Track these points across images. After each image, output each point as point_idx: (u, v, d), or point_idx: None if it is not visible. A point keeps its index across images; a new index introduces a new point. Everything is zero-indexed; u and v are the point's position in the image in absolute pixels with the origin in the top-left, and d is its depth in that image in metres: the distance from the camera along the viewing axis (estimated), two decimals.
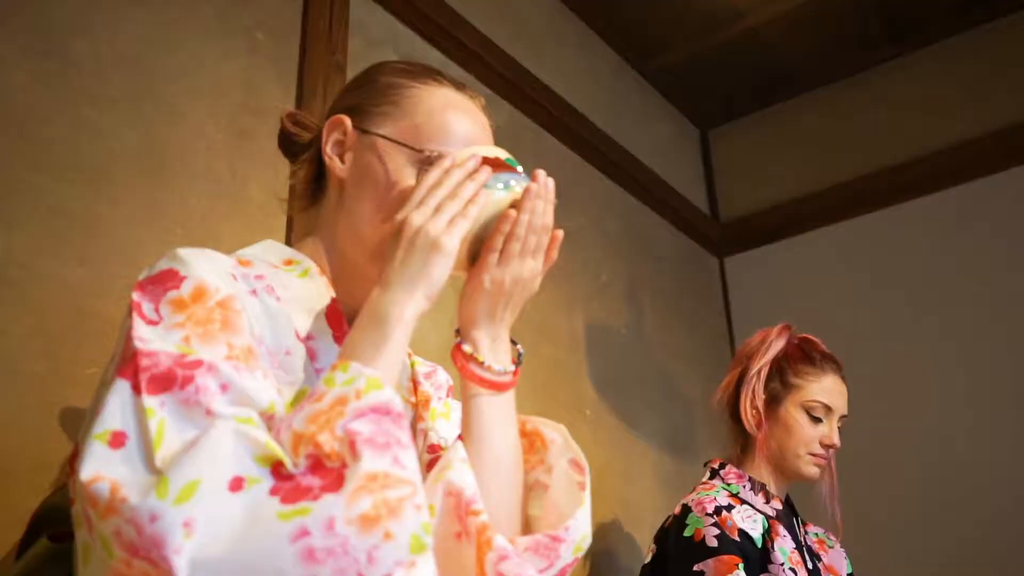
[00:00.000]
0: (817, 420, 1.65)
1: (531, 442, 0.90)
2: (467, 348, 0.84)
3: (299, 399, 0.78)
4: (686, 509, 1.60)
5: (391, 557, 0.59)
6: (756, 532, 1.55)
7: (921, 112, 2.73)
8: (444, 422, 0.97)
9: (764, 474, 1.68)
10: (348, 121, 0.91)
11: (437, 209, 0.78)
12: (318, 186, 0.95)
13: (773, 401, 1.68)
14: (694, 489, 1.69)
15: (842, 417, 1.68)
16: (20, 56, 1.22)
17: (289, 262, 0.89)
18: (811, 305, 2.69)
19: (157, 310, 0.71)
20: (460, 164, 0.81)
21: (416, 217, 0.78)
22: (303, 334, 0.83)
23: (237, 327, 0.73)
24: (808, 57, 2.84)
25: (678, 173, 2.95)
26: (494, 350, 0.84)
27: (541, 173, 0.83)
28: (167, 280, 0.74)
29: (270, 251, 0.91)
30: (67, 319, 1.16)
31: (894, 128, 2.77)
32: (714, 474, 1.71)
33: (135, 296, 0.72)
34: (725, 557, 1.48)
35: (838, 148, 2.87)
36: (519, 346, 0.89)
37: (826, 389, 1.66)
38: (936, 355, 2.48)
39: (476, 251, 0.83)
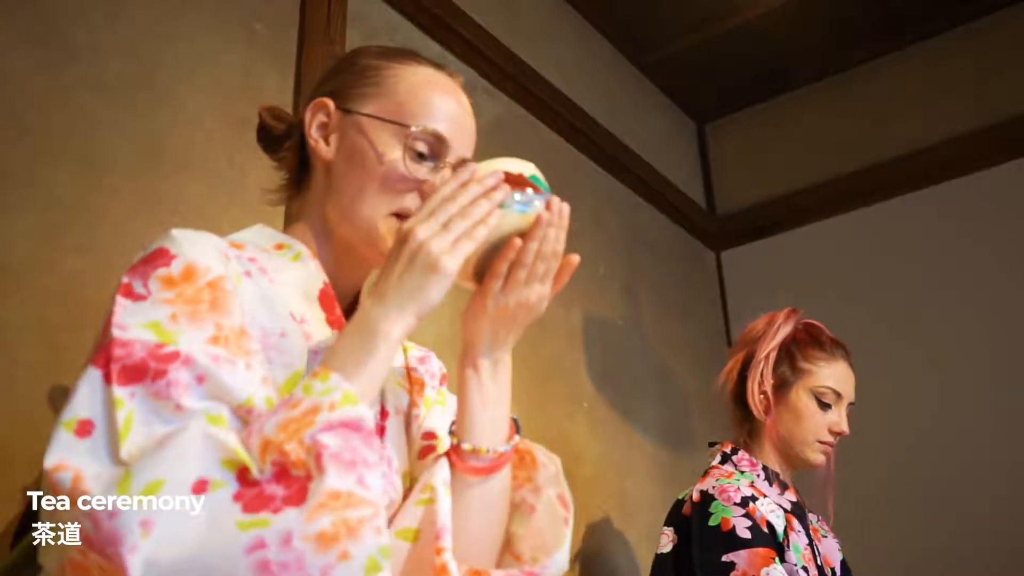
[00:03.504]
0: (826, 406, 1.62)
1: (521, 458, 0.90)
2: (466, 447, 0.82)
3: (295, 381, 0.78)
4: (708, 497, 1.54)
5: None
6: (779, 526, 1.51)
7: (918, 106, 2.73)
8: (440, 409, 0.97)
9: (772, 461, 1.64)
10: (331, 103, 0.91)
11: (445, 225, 0.74)
12: (303, 173, 0.95)
13: (782, 386, 1.64)
14: (707, 473, 1.64)
15: (850, 404, 1.66)
16: (19, 44, 1.22)
17: (280, 246, 0.89)
18: (807, 299, 2.65)
19: (146, 285, 0.72)
20: (479, 180, 0.77)
21: (421, 231, 0.74)
22: (297, 317, 0.83)
23: (227, 308, 0.73)
24: (805, 51, 2.84)
25: (675, 166, 2.95)
26: (495, 376, 0.84)
27: (555, 200, 0.80)
28: (158, 258, 0.74)
29: (261, 235, 0.91)
30: (65, 308, 1.16)
31: (891, 122, 2.77)
32: (726, 459, 1.66)
33: (125, 278, 0.73)
34: (761, 550, 1.44)
35: (835, 142, 2.88)
36: (518, 426, 0.88)
37: (836, 375, 1.63)
38: (934, 349, 2.49)
39: (484, 269, 0.80)
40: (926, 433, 2.42)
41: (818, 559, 1.58)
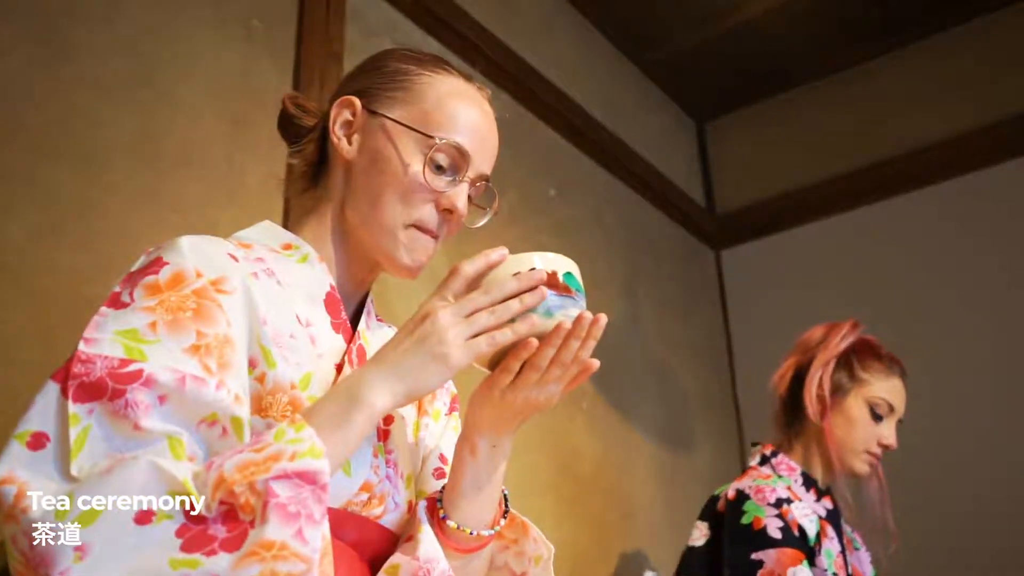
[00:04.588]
0: (879, 418, 1.64)
1: (511, 519, 0.89)
2: (451, 524, 0.81)
3: (307, 381, 0.78)
4: (742, 495, 1.57)
5: None
6: (812, 531, 1.53)
7: (918, 105, 2.73)
8: (453, 435, 0.97)
9: (814, 466, 1.66)
10: (358, 102, 0.89)
11: (468, 317, 0.72)
12: (319, 169, 0.94)
13: (837, 392, 1.65)
14: (745, 472, 1.67)
15: (898, 421, 1.67)
16: (17, 41, 1.22)
17: (288, 247, 0.89)
18: (806, 298, 2.69)
19: (131, 293, 0.71)
20: (522, 276, 0.74)
21: (443, 316, 0.72)
22: (302, 320, 0.83)
23: (212, 316, 0.72)
24: (805, 50, 2.84)
25: (675, 165, 2.95)
26: (491, 460, 0.82)
27: (586, 315, 0.76)
28: (150, 267, 0.74)
29: (269, 234, 0.90)
30: (64, 306, 1.16)
31: (891, 121, 2.77)
32: (765, 460, 1.68)
33: (116, 287, 0.73)
34: (789, 551, 1.46)
35: (834, 141, 2.88)
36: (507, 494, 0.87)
37: (893, 389, 1.66)
38: (933, 349, 2.48)
39: (500, 359, 0.77)
40: (925, 433, 2.40)
41: (848, 568, 1.60)
